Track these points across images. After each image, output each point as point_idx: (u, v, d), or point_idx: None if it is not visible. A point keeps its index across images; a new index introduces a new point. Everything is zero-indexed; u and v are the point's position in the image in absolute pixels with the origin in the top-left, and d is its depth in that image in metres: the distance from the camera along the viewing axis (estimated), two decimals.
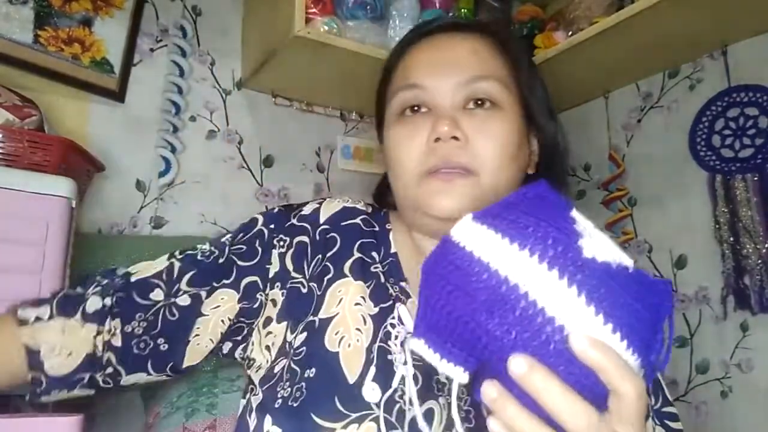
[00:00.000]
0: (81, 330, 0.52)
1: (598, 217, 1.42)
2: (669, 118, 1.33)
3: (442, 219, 0.55)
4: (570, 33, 1.25)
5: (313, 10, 1.16)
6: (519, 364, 0.33)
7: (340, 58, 1.20)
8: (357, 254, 0.58)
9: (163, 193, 1.27)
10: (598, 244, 0.35)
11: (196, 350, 0.56)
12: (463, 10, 1.44)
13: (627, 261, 0.35)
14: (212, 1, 1.38)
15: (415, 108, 0.59)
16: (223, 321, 0.57)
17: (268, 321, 0.57)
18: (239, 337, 0.58)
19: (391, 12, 1.28)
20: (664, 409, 0.56)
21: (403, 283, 0.58)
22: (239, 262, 0.58)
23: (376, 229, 0.63)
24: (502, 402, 0.34)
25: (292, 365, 0.52)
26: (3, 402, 0.78)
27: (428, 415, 0.50)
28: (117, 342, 0.53)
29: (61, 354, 0.51)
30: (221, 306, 0.57)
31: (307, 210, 0.62)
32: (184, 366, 0.56)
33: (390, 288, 0.57)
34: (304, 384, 0.50)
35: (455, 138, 0.55)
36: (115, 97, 1.21)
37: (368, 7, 1.23)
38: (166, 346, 0.54)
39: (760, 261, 1.11)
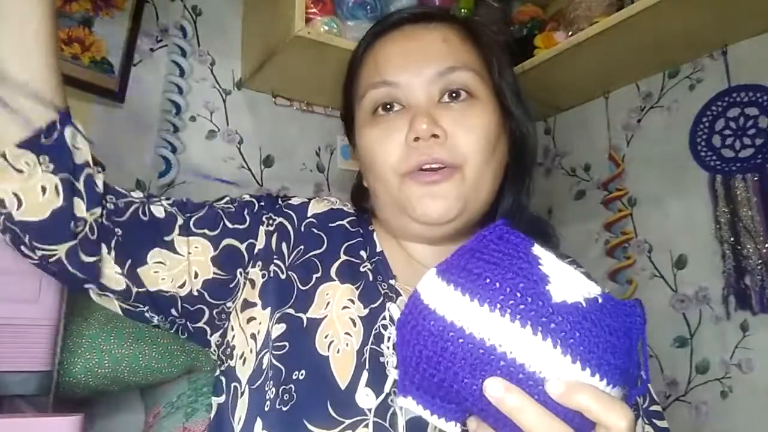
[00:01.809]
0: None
1: (598, 217, 1.43)
2: (669, 118, 1.33)
3: (428, 224, 0.55)
4: (570, 33, 1.25)
5: (313, 10, 1.17)
6: (495, 388, 0.34)
7: (340, 58, 1.19)
8: (344, 257, 0.57)
9: (163, 193, 1.27)
10: (564, 284, 0.35)
11: (152, 276, 0.51)
12: (463, 10, 1.44)
13: (594, 289, 0.36)
14: (212, 1, 1.38)
15: (388, 106, 0.57)
16: (191, 275, 0.53)
17: (246, 304, 0.55)
18: (201, 321, 0.55)
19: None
20: (651, 408, 0.55)
21: (392, 281, 0.57)
22: (226, 222, 0.56)
23: (361, 230, 0.62)
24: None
25: (275, 361, 0.51)
26: (3, 402, 0.78)
27: (422, 418, 0.50)
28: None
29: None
30: (193, 254, 0.53)
31: (295, 201, 0.61)
32: (140, 276, 0.51)
33: (379, 287, 0.56)
34: (293, 386, 0.49)
35: (435, 136, 0.53)
36: (115, 97, 1.21)
37: (368, 7, 1.23)
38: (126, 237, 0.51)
39: (760, 261, 1.11)
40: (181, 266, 0.53)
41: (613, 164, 1.41)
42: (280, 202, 0.60)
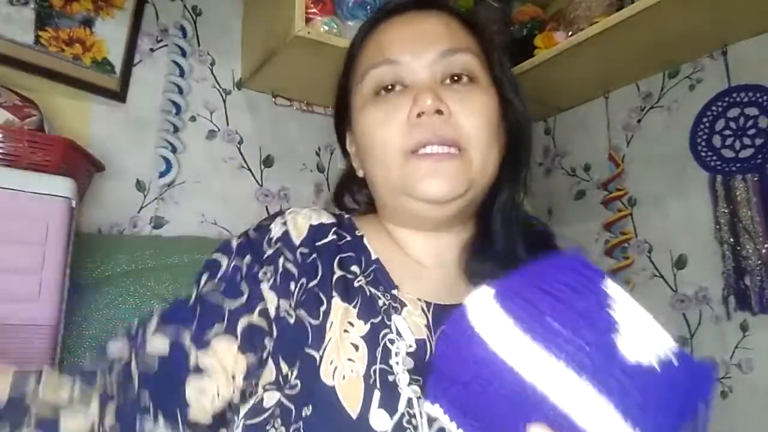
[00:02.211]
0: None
1: (598, 217, 1.43)
2: (669, 118, 1.33)
3: (431, 202, 0.53)
4: (570, 33, 1.25)
5: (313, 10, 1.17)
6: None
7: (340, 58, 1.19)
8: (339, 272, 0.54)
9: (163, 193, 1.27)
10: (636, 336, 0.31)
11: (200, 408, 0.46)
12: (462, 10, 1.44)
13: (667, 345, 0.32)
14: (212, 1, 1.38)
15: (390, 87, 0.55)
16: (229, 379, 0.47)
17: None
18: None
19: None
20: None
21: (395, 291, 0.53)
22: (227, 304, 0.49)
23: (349, 238, 0.58)
24: None
25: (285, 402, 0.47)
26: None
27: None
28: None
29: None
30: (220, 360, 0.47)
31: (275, 232, 0.55)
32: (192, 416, 0.46)
33: (380, 299, 0.53)
34: (301, 424, 0.45)
35: (439, 112, 0.51)
36: (116, 97, 1.21)
37: (368, 7, 1.23)
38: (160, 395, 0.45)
39: (760, 261, 1.11)
40: (218, 381, 0.47)
41: (613, 164, 1.41)
42: (265, 246, 0.54)
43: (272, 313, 0.50)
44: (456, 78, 0.55)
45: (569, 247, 0.35)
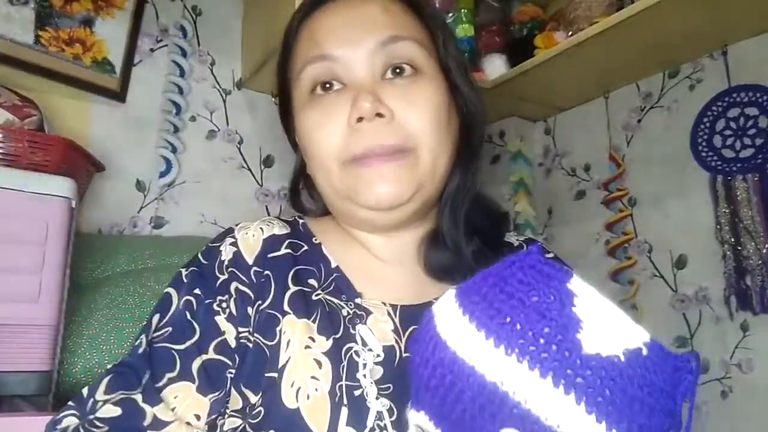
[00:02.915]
0: None
1: (598, 218, 1.43)
2: (669, 118, 1.33)
3: (377, 210, 0.50)
4: (570, 33, 1.25)
5: None
6: None
7: None
8: (294, 287, 0.51)
9: (163, 193, 1.27)
10: (601, 331, 0.31)
11: None
12: (463, 10, 1.44)
13: (638, 338, 0.31)
14: (212, 1, 1.38)
15: (327, 85, 0.52)
16: (194, 423, 0.46)
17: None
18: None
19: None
20: None
21: (358, 300, 0.51)
22: (177, 346, 0.48)
23: (306, 248, 0.55)
24: None
25: (248, 428, 0.45)
26: (3, 402, 0.78)
27: None
28: None
29: None
30: (179, 405, 0.46)
31: (226, 255, 0.52)
32: None
33: (343, 309, 0.50)
34: None
35: (380, 115, 0.48)
36: (116, 97, 1.21)
37: None
38: None
39: (761, 261, 1.11)
40: (179, 431, 0.45)
41: (614, 164, 1.41)
42: (217, 273, 0.51)
43: (233, 343, 0.48)
44: (398, 70, 0.51)
45: (533, 244, 0.34)
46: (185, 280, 0.52)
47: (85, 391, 0.48)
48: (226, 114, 1.38)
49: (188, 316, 0.49)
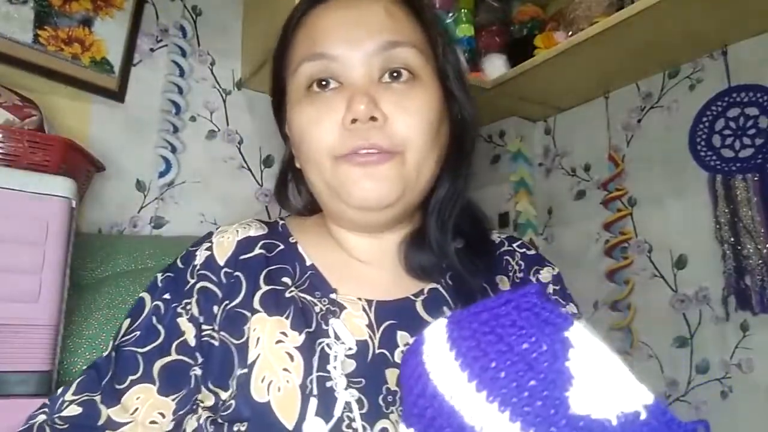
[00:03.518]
0: None
1: (598, 217, 1.43)
2: (669, 118, 1.33)
3: (365, 209, 0.51)
4: (570, 33, 1.25)
5: None
6: None
7: None
8: (265, 287, 0.52)
9: (163, 193, 1.27)
10: (593, 391, 0.28)
11: None
12: (463, 10, 1.44)
13: (638, 401, 0.28)
14: (212, 1, 1.38)
15: (324, 82, 0.52)
16: (159, 422, 0.48)
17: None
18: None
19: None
20: None
21: (333, 295, 0.52)
22: (141, 349, 0.50)
23: (282, 247, 0.56)
24: None
25: (219, 420, 0.47)
26: None
27: None
28: None
29: None
30: (141, 407, 0.48)
31: (199, 259, 0.54)
32: None
33: (316, 306, 0.51)
34: None
35: (373, 118, 0.48)
36: (116, 97, 1.21)
37: None
38: None
39: (760, 261, 1.11)
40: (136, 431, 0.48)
41: (613, 164, 1.41)
42: (188, 277, 0.53)
43: (192, 342, 0.50)
44: (395, 74, 0.51)
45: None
46: (159, 285, 0.54)
47: (59, 391, 0.51)
48: (226, 114, 1.38)
49: (154, 321, 0.52)
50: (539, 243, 1.56)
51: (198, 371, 0.50)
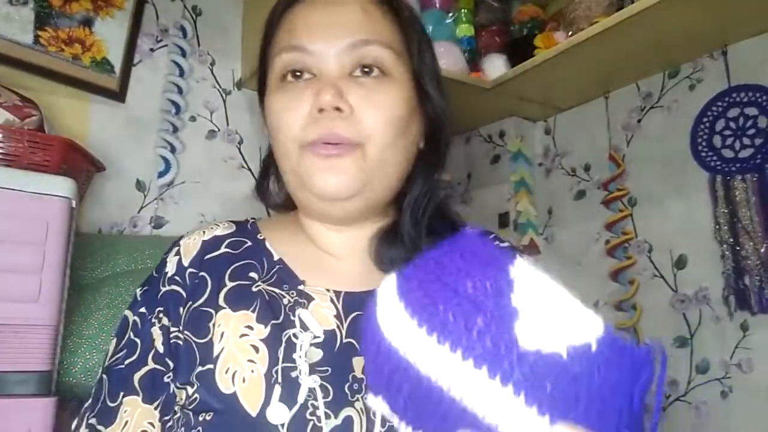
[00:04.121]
0: None
1: (599, 218, 1.43)
2: (669, 118, 1.33)
3: (325, 199, 0.52)
4: (570, 33, 1.25)
5: None
6: None
7: None
8: (231, 283, 0.53)
9: (163, 193, 1.27)
10: (543, 324, 0.28)
11: None
12: (463, 10, 1.44)
13: (590, 332, 0.28)
14: (212, 1, 1.38)
15: (298, 73, 0.54)
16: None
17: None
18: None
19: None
20: None
21: (301, 287, 0.53)
22: (123, 364, 0.52)
23: (249, 244, 0.57)
24: None
25: (186, 412, 0.48)
26: None
27: (347, 424, 0.46)
28: None
29: None
30: (129, 419, 0.50)
31: (170, 267, 0.56)
32: None
33: (284, 298, 0.52)
34: (200, 428, 0.46)
35: (339, 109, 0.50)
36: (116, 97, 1.21)
37: None
38: None
39: (759, 261, 1.11)
40: None
41: (614, 164, 1.41)
42: (161, 287, 0.55)
43: (161, 348, 0.52)
44: (366, 69, 0.53)
45: (473, 226, 0.33)
46: (138, 300, 0.56)
47: (74, 422, 0.53)
48: (226, 114, 1.38)
49: (133, 336, 0.54)
50: (539, 243, 1.56)
51: (171, 375, 0.51)
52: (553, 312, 0.28)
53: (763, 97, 1.16)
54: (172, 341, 0.52)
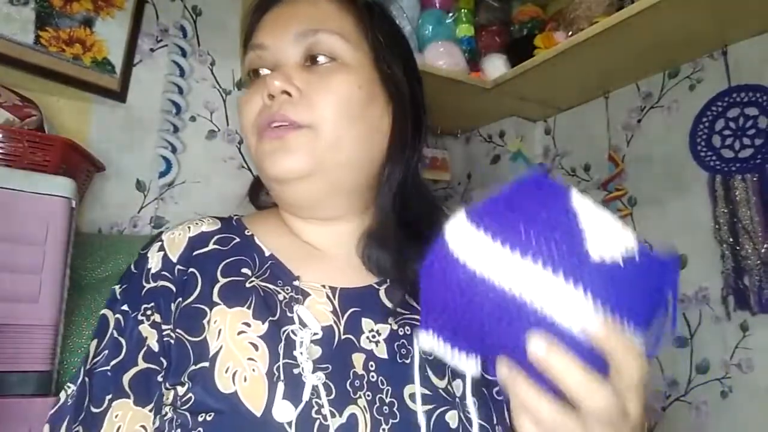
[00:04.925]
0: None
1: None
2: (669, 118, 1.33)
3: (280, 181, 0.53)
4: (570, 33, 1.25)
5: None
6: (538, 346, 0.33)
7: None
8: (223, 279, 0.51)
9: (163, 193, 1.27)
10: (602, 238, 0.34)
11: None
12: (463, 10, 1.44)
13: (630, 243, 0.34)
14: (212, 1, 1.38)
15: (260, 71, 0.57)
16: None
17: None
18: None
19: (391, 12, 1.27)
20: None
21: (296, 282, 0.52)
22: (110, 365, 0.49)
23: (238, 240, 0.56)
24: (513, 378, 0.34)
25: (181, 413, 0.46)
26: None
27: (352, 422, 0.45)
28: None
29: None
30: (121, 423, 0.47)
31: (153, 263, 0.54)
32: None
33: (279, 294, 0.51)
34: (201, 429, 0.44)
35: (287, 93, 0.52)
36: (117, 97, 1.21)
37: None
38: None
39: (759, 261, 1.11)
40: None
41: (613, 164, 1.41)
42: (144, 283, 0.53)
43: (155, 347, 0.49)
44: (318, 59, 0.55)
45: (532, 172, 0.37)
46: (118, 298, 0.54)
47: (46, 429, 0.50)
48: (226, 114, 1.38)
49: (116, 334, 0.51)
50: None
51: (164, 375, 0.49)
52: (605, 229, 0.34)
53: (763, 97, 1.16)
54: (165, 339, 0.50)
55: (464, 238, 0.35)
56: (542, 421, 0.34)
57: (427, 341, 0.37)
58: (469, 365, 0.36)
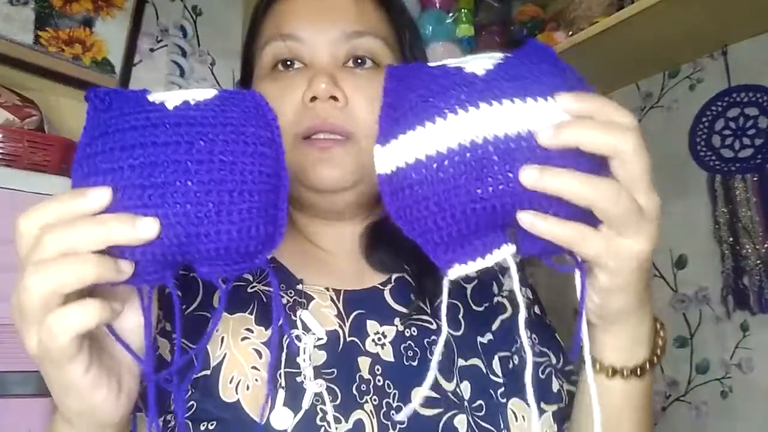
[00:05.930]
0: None
1: None
2: (669, 118, 1.33)
3: (320, 191, 0.51)
4: (570, 33, 1.25)
5: None
6: (530, 175, 0.31)
7: None
8: (224, 285, 0.50)
9: None
10: (475, 60, 0.35)
11: None
12: (463, 10, 1.44)
13: (497, 54, 0.36)
14: (212, 1, 1.38)
15: (289, 63, 0.53)
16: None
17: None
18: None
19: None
20: (567, 368, 0.54)
21: (299, 286, 0.51)
22: None
23: None
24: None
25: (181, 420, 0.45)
26: None
27: (358, 427, 0.44)
28: None
29: None
30: None
31: None
32: None
33: (283, 298, 0.50)
34: None
35: (334, 98, 0.49)
36: None
37: None
38: None
39: (759, 261, 1.11)
40: None
41: None
42: None
43: (169, 358, 0.48)
44: (360, 61, 0.52)
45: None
46: None
47: None
48: None
49: None
50: None
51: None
52: (469, 58, 0.36)
53: (763, 97, 1.16)
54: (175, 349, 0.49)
55: (389, 152, 0.36)
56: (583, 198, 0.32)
57: (453, 272, 0.35)
58: (503, 251, 0.34)
